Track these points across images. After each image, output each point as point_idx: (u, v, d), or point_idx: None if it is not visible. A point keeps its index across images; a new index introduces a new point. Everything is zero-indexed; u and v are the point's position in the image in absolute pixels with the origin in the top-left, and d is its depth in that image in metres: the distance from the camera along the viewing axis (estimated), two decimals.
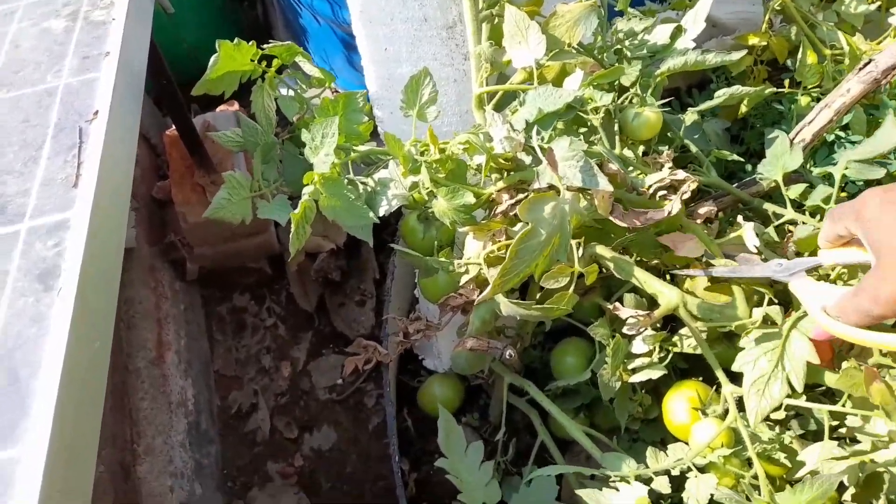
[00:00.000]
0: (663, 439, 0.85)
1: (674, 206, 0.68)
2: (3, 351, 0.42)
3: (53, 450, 0.37)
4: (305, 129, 0.74)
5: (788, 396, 0.64)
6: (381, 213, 0.77)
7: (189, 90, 0.83)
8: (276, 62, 0.82)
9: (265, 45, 0.79)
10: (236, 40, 0.77)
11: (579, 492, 0.67)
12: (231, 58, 0.75)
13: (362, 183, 0.79)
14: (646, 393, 0.83)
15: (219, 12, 1.59)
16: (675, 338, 0.79)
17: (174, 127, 1.23)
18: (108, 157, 0.56)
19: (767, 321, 0.66)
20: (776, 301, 0.69)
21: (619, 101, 0.74)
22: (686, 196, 0.69)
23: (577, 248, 0.72)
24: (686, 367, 0.86)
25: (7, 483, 0.36)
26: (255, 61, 0.79)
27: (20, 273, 0.47)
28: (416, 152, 0.74)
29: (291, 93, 0.87)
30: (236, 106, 1.38)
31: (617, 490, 0.66)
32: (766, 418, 0.68)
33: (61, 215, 0.51)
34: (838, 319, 0.58)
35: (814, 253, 0.66)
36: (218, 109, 1.37)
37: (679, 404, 0.77)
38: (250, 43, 0.78)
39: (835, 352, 0.75)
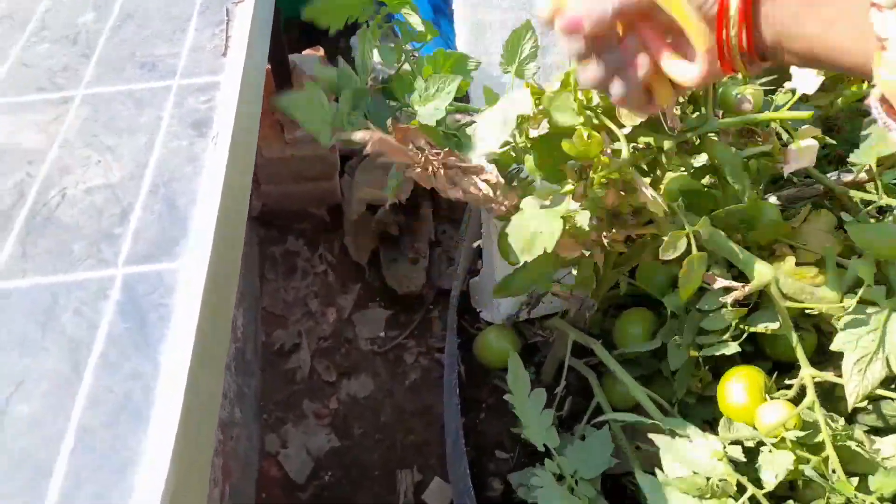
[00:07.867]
0: (713, 419, 0.85)
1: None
2: (160, 180, 0.44)
3: (213, 265, 0.38)
4: (399, 81, 0.75)
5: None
6: None
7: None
8: (383, 10, 0.83)
9: None
10: None
11: (652, 436, 0.67)
12: None
13: (454, 136, 0.80)
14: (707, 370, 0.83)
15: None
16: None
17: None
18: (254, 35, 0.58)
19: (864, 302, 0.65)
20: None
21: None
22: None
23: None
24: (746, 351, 0.85)
25: (169, 289, 0.38)
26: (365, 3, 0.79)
27: (174, 119, 0.49)
28: None
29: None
30: (321, 52, 1.41)
31: (690, 440, 0.67)
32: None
33: (212, 77, 0.53)
34: None
35: None
36: (304, 52, 1.40)
37: (737, 386, 0.77)
38: None
39: None
